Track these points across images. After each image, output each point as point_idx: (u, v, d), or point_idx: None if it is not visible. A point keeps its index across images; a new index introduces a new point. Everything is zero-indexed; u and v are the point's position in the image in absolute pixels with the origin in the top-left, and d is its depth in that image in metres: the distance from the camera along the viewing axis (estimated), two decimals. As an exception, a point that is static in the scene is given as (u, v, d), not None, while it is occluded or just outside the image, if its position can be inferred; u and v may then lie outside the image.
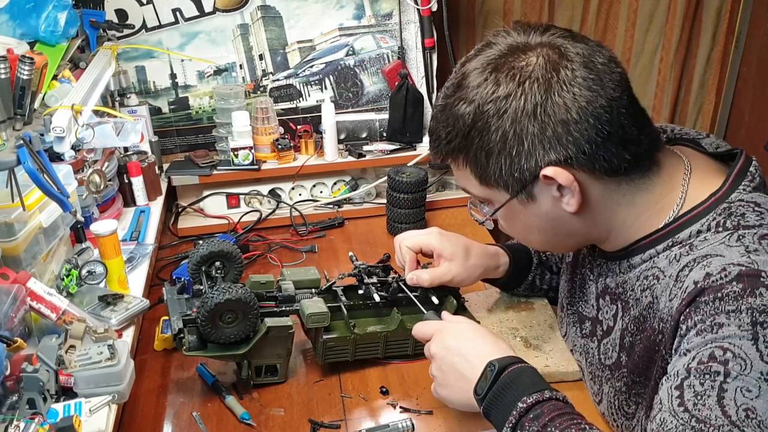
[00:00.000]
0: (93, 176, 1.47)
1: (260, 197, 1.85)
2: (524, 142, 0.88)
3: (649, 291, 0.92)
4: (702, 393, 0.76)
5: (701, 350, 0.78)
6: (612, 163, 0.89)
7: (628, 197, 0.94)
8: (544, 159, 0.88)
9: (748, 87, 2.19)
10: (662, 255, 0.92)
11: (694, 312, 0.81)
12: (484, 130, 0.90)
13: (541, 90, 0.87)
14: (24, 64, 1.03)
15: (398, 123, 1.88)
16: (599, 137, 0.87)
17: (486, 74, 0.90)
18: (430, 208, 1.83)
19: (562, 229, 0.97)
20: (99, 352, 1.01)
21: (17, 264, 1.11)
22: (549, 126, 0.87)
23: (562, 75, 0.87)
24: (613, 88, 0.88)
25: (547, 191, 0.92)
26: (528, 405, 0.86)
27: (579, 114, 0.86)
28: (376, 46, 1.94)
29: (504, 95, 0.88)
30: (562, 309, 1.21)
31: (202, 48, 1.87)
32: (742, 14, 2.15)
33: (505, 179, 0.92)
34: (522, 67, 0.88)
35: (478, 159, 0.92)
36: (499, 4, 2.12)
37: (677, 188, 0.94)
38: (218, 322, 1.10)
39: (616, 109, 0.87)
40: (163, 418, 1.16)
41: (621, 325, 0.99)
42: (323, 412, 1.14)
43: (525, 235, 1.03)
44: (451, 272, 1.22)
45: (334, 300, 1.24)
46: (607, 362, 1.03)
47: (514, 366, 0.92)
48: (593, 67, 0.88)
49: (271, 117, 1.82)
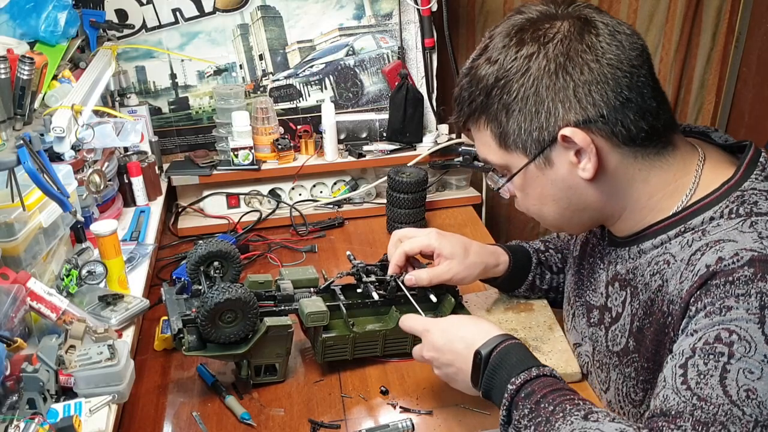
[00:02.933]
0: (93, 176, 1.47)
1: (260, 197, 1.85)
2: (545, 100, 0.90)
3: (659, 275, 0.94)
4: (705, 372, 0.77)
5: (708, 331, 0.80)
6: (630, 131, 0.91)
7: (644, 173, 0.95)
8: (564, 119, 0.90)
9: (748, 87, 2.19)
10: (674, 241, 0.93)
11: (705, 294, 0.82)
12: (506, 89, 0.92)
13: (564, 50, 0.89)
14: (24, 64, 1.03)
15: (398, 123, 1.88)
16: (618, 101, 0.89)
17: (511, 36, 0.92)
18: (430, 208, 1.83)
19: (577, 200, 0.98)
20: (99, 352, 1.01)
21: (17, 264, 1.11)
22: (570, 86, 0.89)
23: (587, 39, 0.89)
24: (635, 56, 0.90)
25: (565, 156, 0.93)
26: (517, 386, 0.90)
27: (600, 76, 0.89)
28: (376, 46, 1.94)
29: (527, 55, 0.90)
30: (569, 302, 1.22)
31: (202, 48, 1.87)
32: (742, 14, 2.15)
33: (524, 139, 0.94)
34: (547, 29, 0.91)
35: (499, 118, 0.94)
36: (499, 4, 2.12)
37: (691, 172, 0.95)
38: (218, 322, 1.10)
39: (636, 76, 0.90)
40: (163, 418, 1.16)
41: (630, 310, 1.00)
42: (323, 412, 1.14)
43: (540, 207, 1.03)
44: (451, 270, 1.22)
45: (332, 299, 1.24)
46: (615, 349, 1.03)
47: (500, 347, 0.95)
48: (616, 35, 0.90)
49: (271, 117, 1.82)
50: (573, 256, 1.22)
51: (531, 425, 0.86)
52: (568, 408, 0.85)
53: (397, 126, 1.89)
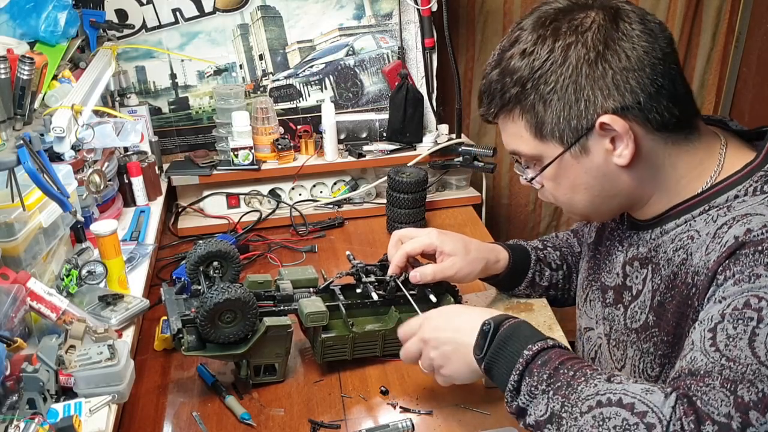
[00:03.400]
0: (93, 176, 1.47)
1: (260, 197, 1.85)
2: (584, 89, 0.91)
3: (682, 250, 0.95)
4: (734, 336, 0.79)
5: (737, 298, 0.82)
6: (663, 117, 0.92)
7: (673, 158, 0.97)
8: (602, 106, 0.91)
9: (748, 87, 2.19)
10: (699, 218, 0.95)
11: (734, 264, 0.84)
12: (543, 79, 0.92)
13: (602, 38, 0.90)
14: (24, 64, 1.03)
15: (398, 123, 1.88)
16: (653, 87, 0.91)
17: (546, 27, 0.93)
18: (430, 208, 1.83)
19: (610, 186, 0.98)
20: (99, 352, 1.01)
21: (17, 264, 1.11)
22: (608, 73, 0.90)
23: (621, 27, 0.91)
24: (666, 45, 0.93)
25: (600, 143, 0.94)
26: (534, 352, 0.89)
27: (637, 63, 0.90)
28: (376, 46, 1.94)
29: (565, 45, 0.91)
30: (582, 288, 1.23)
31: (202, 48, 1.87)
32: (742, 14, 2.15)
33: (561, 128, 0.94)
34: (582, 19, 0.92)
35: (536, 109, 0.95)
36: (499, 4, 2.12)
37: (715, 156, 0.97)
38: (217, 322, 1.10)
39: (668, 63, 0.92)
40: (163, 418, 1.16)
41: (651, 286, 1.01)
42: (323, 412, 1.14)
43: (571, 196, 1.02)
44: (455, 266, 1.23)
45: (332, 299, 1.25)
46: (634, 326, 1.04)
47: (510, 321, 0.96)
48: (647, 23, 0.92)
49: (271, 117, 1.82)
50: (587, 243, 1.23)
51: (549, 390, 0.86)
52: (589, 372, 0.85)
53: (397, 126, 1.89)
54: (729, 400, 0.75)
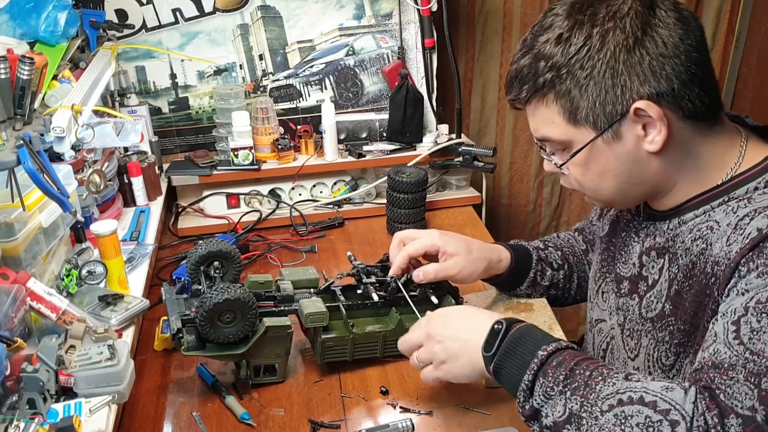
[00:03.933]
0: (93, 176, 1.47)
1: (260, 197, 1.85)
2: (621, 75, 0.92)
3: (701, 240, 0.96)
4: (758, 329, 0.80)
5: (761, 291, 0.82)
6: (695, 105, 0.93)
7: (699, 146, 0.97)
8: (638, 92, 0.92)
9: (748, 87, 2.19)
10: (718, 209, 0.96)
11: (757, 256, 0.84)
12: (579, 65, 0.93)
13: (640, 24, 0.91)
14: (24, 64, 1.03)
15: (398, 123, 1.88)
16: (687, 75, 0.91)
17: (581, 14, 0.93)
18: (430, 208, 1.83)
19: (638, 173, 0.99)
20: (99, 352, 1.01)
21: (17, 264, 1.11)
22: (645, 60, 0.91)
23: (658, 13, 0.92)
24: (699, 33, 0.94)
25: (633, 129, 0.94)
26: (548, 352, 0.90)
27: (674, 50, 0.91)
28: (376, 46, 1.94)
29: (603, 31, 0.91)
30: (594, 280, 1.23)
31: (202, 48, 1.87)
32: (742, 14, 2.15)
33: (596, 114, 0.94)
34: (619, 5, 0.92)
35: (571, 94, 0.95)
36: (499, 4, 2.12)
37: (736, 147, 0.98)
38: (217, 322, 1.10)
39: (701, 52, 0.93)
40: (163, 418, 1.16)
41: (668, 276, 1.01)
42: (323, 412, 1.14)
43: (598, 182, 1.02)
44: (458, 265, 1.23)
45: (332, 300, 1.25)
46: (650, 315, 1.05)
47: (521, 323, 0.96)
48: (681, 12, 0.93)
49: (271, 117, 1.82)
50: (600, 236, 1.23)
51: (567, 390, 0.86)
52: (606, 372, 0.85)
53: (397, 126, 1.89)
54: (753, 393, 0.76)
